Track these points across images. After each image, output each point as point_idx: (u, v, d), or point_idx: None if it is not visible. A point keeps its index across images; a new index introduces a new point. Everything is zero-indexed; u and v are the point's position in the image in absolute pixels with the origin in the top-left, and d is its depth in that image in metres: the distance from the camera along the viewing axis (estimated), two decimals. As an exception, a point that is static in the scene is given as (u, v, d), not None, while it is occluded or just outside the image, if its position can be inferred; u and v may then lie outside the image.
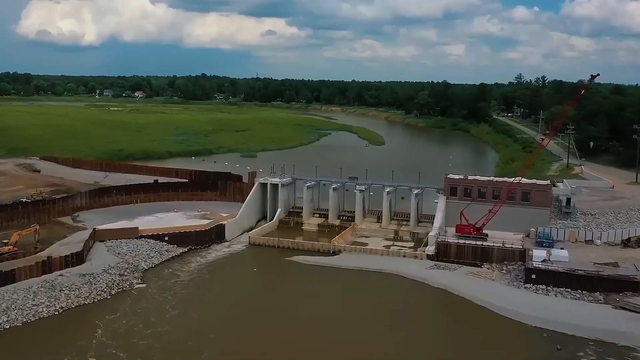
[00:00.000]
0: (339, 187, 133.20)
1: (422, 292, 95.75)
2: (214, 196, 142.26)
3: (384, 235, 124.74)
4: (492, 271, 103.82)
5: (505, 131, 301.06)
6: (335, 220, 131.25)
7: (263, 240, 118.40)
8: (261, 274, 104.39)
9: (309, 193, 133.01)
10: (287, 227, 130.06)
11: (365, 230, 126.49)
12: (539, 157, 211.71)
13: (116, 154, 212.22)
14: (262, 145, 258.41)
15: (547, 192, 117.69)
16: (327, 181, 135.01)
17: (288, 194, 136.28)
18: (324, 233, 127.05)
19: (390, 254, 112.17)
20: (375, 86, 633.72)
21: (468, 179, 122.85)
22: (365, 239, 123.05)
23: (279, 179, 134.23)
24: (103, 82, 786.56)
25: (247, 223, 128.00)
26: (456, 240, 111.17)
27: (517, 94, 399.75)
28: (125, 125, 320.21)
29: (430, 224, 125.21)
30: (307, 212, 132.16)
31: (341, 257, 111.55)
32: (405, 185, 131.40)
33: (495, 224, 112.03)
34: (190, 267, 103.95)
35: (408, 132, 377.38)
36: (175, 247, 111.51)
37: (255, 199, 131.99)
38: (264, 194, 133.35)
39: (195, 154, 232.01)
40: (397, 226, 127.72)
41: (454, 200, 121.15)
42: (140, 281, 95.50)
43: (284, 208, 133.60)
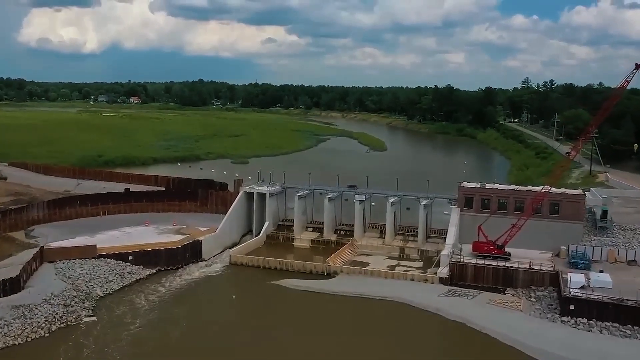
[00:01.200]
0: (335, 197, 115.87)
1: (436, 327, 78.27)
2: (194, 207, 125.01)
3: (388, 253, 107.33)
4: (519, 299, 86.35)
5: (514, 136, 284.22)
6: (332, 236, 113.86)
7: (246, 260, 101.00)
8: (240, 303, 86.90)
9: (301, 204, 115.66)
10: (276, 244, 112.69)
11: (366, 247, 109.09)
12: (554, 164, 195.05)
13: (94, 160, 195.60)
14: (255, 152, 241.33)
15: (580, 204, 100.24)
16: (322, 190, 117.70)
17: (277, 204, 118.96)
18: (318, 250, 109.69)
19: (396, 276, 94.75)
20: (377, 91, 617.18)
21: (486, 188, 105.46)
22: (365, 257, 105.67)
23: (267, 187, 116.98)
24: (99, 88, 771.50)
25: (230, 239, 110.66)
26: (473, 260, 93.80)
27: (525, 98, 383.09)
28: (112, 130, 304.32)
29: (442, 240, 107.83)
30: (298, 226, 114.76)
31: (337, 280, 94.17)
32: (412, 195, 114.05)
33: (518, 241, 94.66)
34: (156, 294, 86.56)
35: (411, 138, 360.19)
36: (141, 269, 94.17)
37: (239, 211, 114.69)
38: (250, 205, 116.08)
39: (181, 160, 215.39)
40: (403, 242, 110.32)
41: (469, 213, 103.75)
42: (91, 313, 78.10)
43: (272, 221, 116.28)
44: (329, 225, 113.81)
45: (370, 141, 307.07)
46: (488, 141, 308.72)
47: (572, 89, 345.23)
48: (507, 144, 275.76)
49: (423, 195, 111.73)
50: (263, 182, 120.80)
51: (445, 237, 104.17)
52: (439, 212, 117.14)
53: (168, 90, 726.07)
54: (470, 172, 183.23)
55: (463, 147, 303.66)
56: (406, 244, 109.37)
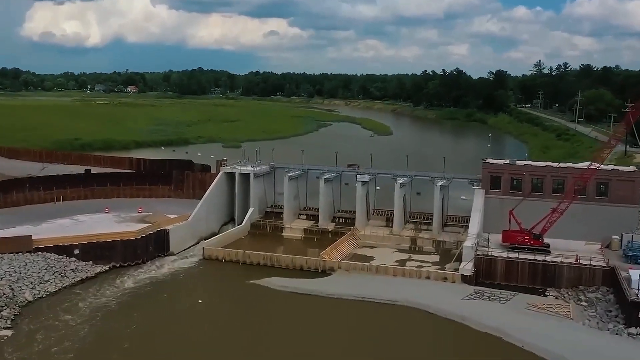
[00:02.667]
0: (333, 178, 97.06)
1: (463, 342, 59.58)
2: (167, 191, 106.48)
3: (397, 245, 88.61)
4: (565, 303, 67.60)
5: (529, 120, 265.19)
6: (328, 224, 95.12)
7: (222, 253, 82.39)
8: (208, 310, 68.19)
9: (292, 186, 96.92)
10: (262, 234, 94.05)
11: (370, 237, 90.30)
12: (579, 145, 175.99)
13: (70, 144, 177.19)
14: (250, 136, 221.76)
15: (635, 183, 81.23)
16: (316, 170, 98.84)
17: (265, 187, 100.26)
18: (312, 242, 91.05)
19: (407, 274, 75.98)
20: (381, 79, 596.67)
21: (517, 165, 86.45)
22: (369, 250, 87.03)
23: (251, 167, 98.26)
24: (96, 78, 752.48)
25: (206, 228, 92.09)
26: (504, 253, 75.09)
27: (537, 82, 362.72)
28: (101, 116, 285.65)
29: (461, 229, 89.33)
30: (289, 213, 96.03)
31: (334, 279, 75.57)
32: (425, 175, 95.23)
33: (556, 230, 76.13)
34: (104, 298, 68.17)
35: (418, 124, 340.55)
36: (90, 265, 75.78)
37: (218, 195, 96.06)
38: (231, 188, 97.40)
39: (167, 144, 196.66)
40: (415, 232, 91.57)
41: (496, 195, 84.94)
42: (9, 324, 59.63)
43: (258, 207, 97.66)
44: (326, 211, 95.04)
45: (375, 126, 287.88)
46: (500, 125, 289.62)
47: (589, 70, 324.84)
48: (522, 128, 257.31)
49: (438, 175, 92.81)
50: (247, 162, 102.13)
51: (466, 225, 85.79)
52: (456, 197, 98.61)
53: (167, 80, 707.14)
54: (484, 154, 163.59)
55: (473, 132, 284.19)
56: (418, 234, 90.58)
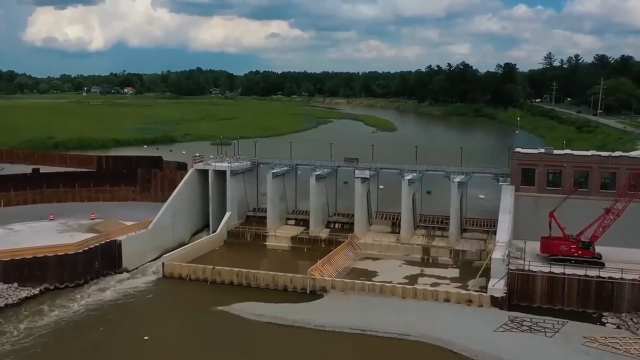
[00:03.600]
0: (326, 175, 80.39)
1: (502, 398, 42.74)
2: (132, 194, 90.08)
3: (405, 255, 71.86)
4: (634, 335, 50.73)
5: (543, 113, 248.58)
6: (321, 231, 78.40)
7: (186, 270, 65.73)
8: (152, 350, 51.35)
9: (278, 185, 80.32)
10: (241, 244, 77.45)
11: (372, 247, 73.52)
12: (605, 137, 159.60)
13: (42, 142, 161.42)
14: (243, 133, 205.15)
15: None
16: (306, 165, 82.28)
17: (246, 187, 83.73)
18: (302, 253, 74.44)
19: (420, 295, 59.14)
20: (383, 76, 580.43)
21: (554, 154, 69.65)
22: (371, 263, 70.35)
23: (228, 163, 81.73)
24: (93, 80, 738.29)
25: (172, 237, 75.51)
26: (545, 267, 58.38)
27: (548, 75, 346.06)
28: (88, 115, 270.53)
29: (484, 235, 72.72)
30: (273, 218, 79.36)
31: (326, 303, 58.88)
32: (438, 169, 78.53)
33: (608, 236, 59.47)
34: (22, 335, 51.53)
35: (423, 121, 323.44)
36: (14, 288, 59.34)
37: (188, 197, 79.51)
38: (205, 189, 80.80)
39: (151, 143, 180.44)
40: (427, 239, 74.83)
41: (529, 193, 68.28)
42: None
43: (237, 211, 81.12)
44: (318, 215, 78.31)
45: (378, 122, 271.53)
46: (512, 120, 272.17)
47: (603, 61, 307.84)
48: (536, 122, 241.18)
49: (455, 170, 76.07)
50: (224, 157, 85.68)
51: (490, 231, 69.33)
52: (473, 196, 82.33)
53: (164, 80, 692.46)
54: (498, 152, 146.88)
55: (483, 128, 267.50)
56: (432, 242, 73.80)
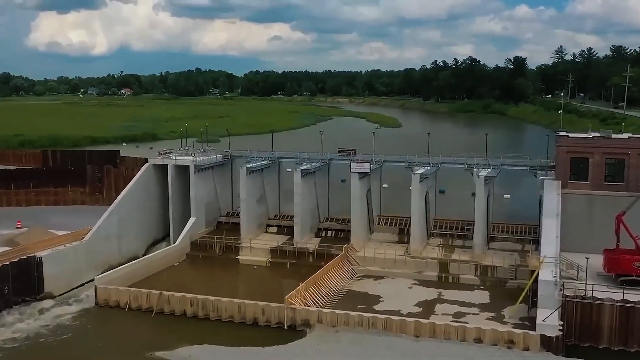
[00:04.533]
0: (316, 170, 63.80)
1: None
2: (81, 195, 74.16)
3: (417, 272, 55.24)
4: None
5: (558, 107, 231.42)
6: (309, 240, 61.82)
7: (125, 297, 49.21)
8: None
9: (255, 184, 63.86)
10: (207, 258, 61.00)
11: (374, 261, 56.84)
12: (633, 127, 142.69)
13: (6, 141, 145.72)
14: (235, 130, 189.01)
15: None
16: (291, 158, 65.84)
17: (216, 187, 67.37)
18: (283, 270, 58.02)
19: (440, 333, 42.44)
20: (387, 74, 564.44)
21: (615, 139, 52.97)
22: (373, 284, 53.83)
23: (192, 156, 65.38)
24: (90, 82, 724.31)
25: (119, 251, 59.20)
26: (615, 293, 41.70)
27: (560, 69, 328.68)
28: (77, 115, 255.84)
29: (517, 245, 56.21)
30: (248, 224, 62.81)
31: (308, 344, 42.43)
32: (457, 162, 61.95)
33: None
34: None
35: (429, 118, 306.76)
36: None
37: (142, 199, 63.16)
38: (164, 189, 64.40)
39: (131, 140, 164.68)
40: (445, 251, 58.17)
41: (582, 190, 51.56)
42: None
43: (204, 216, 64.69)
44: (305, 221, 61.70)
45: (381, 119, 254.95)
46: (525, 115, 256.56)
47: (621, 51, 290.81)
48: (552, 116, 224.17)
49: (480, 162, 59.48)
50: (190, 149, 69.44)
51: (526, 240, 52.82)
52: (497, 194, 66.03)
53: (163, 81, 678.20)
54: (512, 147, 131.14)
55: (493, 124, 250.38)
56: (451, 255, 57.15)
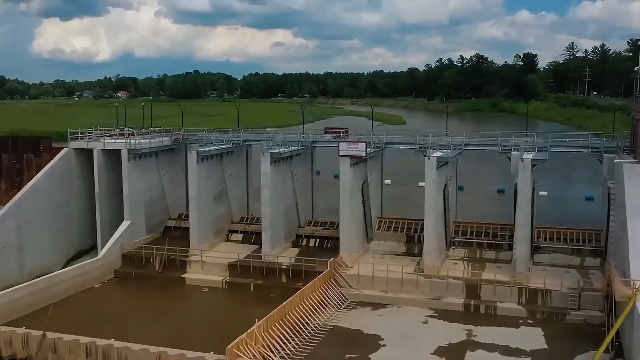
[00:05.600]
0: (294, 155, 46.97)
1: None
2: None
3: (433, 298, 38.40)
4: None
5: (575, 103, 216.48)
6: (283, 252, 44.99)
7: None
8: None
9: (212, 176, 47.25)
10: (142, 277, 44.34)
11: (373, 282, 39.99)
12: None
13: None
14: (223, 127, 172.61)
15: None
16: (258, 141, 49.27)
17: (162, 180, 50.61)
18: (246, 294, 41.38)
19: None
20: (390, 75, 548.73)
21: None
22: (370, 317, 36.89)
23: (126, 140, 48.67)
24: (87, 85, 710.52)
25: (18, 267, 42.56)
26: None
27: (571, 66, 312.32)
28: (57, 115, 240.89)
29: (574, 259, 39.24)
30: (201, 230, 46.06)
31: None
32: (487, 142, 45.11)
33: None
34: None
35: (435, 117, 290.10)
36: None
37: (56, 196, 46.37)
38: (89, 180, 47.70)
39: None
40: (472, 267, 41.28)
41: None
42: None
43: (143, 218, 48.14)
44: (277, 225, 44.87)
45: (384, 117, 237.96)
46: (538, 113, 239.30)
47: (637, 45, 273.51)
48: (569, 112, 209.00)
49: (520, 142, 42.66)
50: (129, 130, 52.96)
51: (588, 250, 35.94)
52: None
53: (160, 84, 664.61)
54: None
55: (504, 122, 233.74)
56: (481, 272, 40.16)
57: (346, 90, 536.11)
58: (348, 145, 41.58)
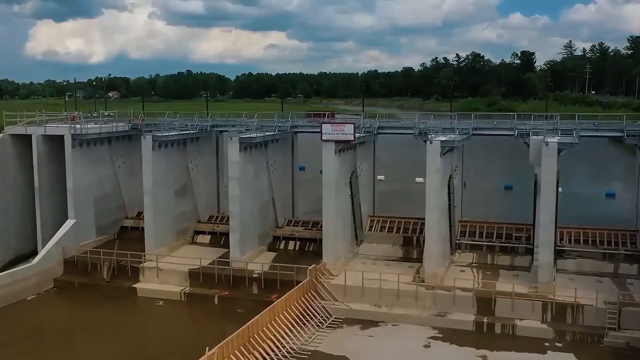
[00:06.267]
0: (269, 142, 39.66)
1: None
2: None
3: (437, 315, 31.06)
4: None
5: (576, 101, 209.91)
6: (256, 257, 37.63)
7: None
8: None
9: (170, 164, 39.84)
10: (86, 287, 36.95)
11: (363, 294, 32.69)
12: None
13: None
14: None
15: None
16: (225, 126, 42.10)
17: (118, 172, 43.20)
18: (209, 308, 33.80)
19: None
20: (385, 74, 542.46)
21: None
22: (359, 339, 29.54)
23: (70, 123, 41.29)
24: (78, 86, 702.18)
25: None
26: None
27: (569, 65, 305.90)
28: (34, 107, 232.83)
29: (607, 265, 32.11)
30: (157, 230, 38.63)
31: None
32: (499, 126, 38.10)
33: None
34: None
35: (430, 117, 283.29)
36: None
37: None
38: (29, 172, 40.26)
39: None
40: (483, 275, 34.03)
41: None
42: None
43: (93, 217, 40.65)
44: (248, 225, 37.54)
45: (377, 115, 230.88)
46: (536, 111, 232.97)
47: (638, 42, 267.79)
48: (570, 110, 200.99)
49: (541, 124, 35.62)
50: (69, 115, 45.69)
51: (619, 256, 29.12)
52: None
53: (152, 84, 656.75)
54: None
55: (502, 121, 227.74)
56: (495, 281, 32.86)
57: (340, 91, 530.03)
58: (333, 127, 34.32)
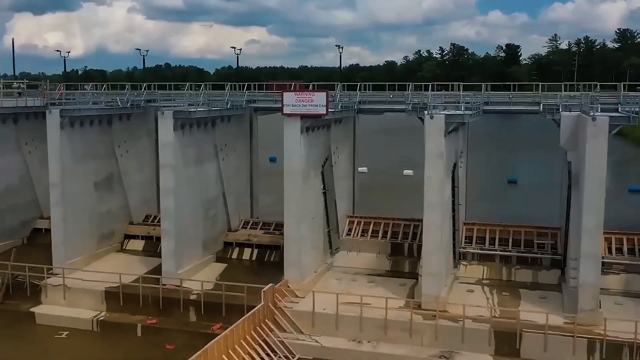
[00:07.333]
0: (217, 120, 30.54)
1: None
2: None
3: (438, 356, 22.10)
4: None
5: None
6: (199, 270, 28.54)
7: None
8: None
9: (89, 148, 30.57)
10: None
11: (339, 325, 23.70)
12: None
13: None
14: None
15: None
16: (170, 105, 33.01)
17: (28, 160, 33.80)
18: (128, 342, 24.67)
19: None
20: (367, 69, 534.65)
21: None
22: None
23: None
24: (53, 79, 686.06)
25: None
26: None
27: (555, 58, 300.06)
28: None
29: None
30: (68, 235, 29.42)
31: None
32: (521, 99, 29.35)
33: None
34: None
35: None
36: None
37: None
38: None
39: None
40: (499, 297, 25.26)
41: None
42: None
43: None
44: (186, 230, 28.46)
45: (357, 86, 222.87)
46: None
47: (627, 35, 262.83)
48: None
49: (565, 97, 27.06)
50: None
51: None
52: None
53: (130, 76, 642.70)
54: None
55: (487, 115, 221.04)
56: (516, 307, 24.10)
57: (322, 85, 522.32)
58: (298, 96, 25.31)
